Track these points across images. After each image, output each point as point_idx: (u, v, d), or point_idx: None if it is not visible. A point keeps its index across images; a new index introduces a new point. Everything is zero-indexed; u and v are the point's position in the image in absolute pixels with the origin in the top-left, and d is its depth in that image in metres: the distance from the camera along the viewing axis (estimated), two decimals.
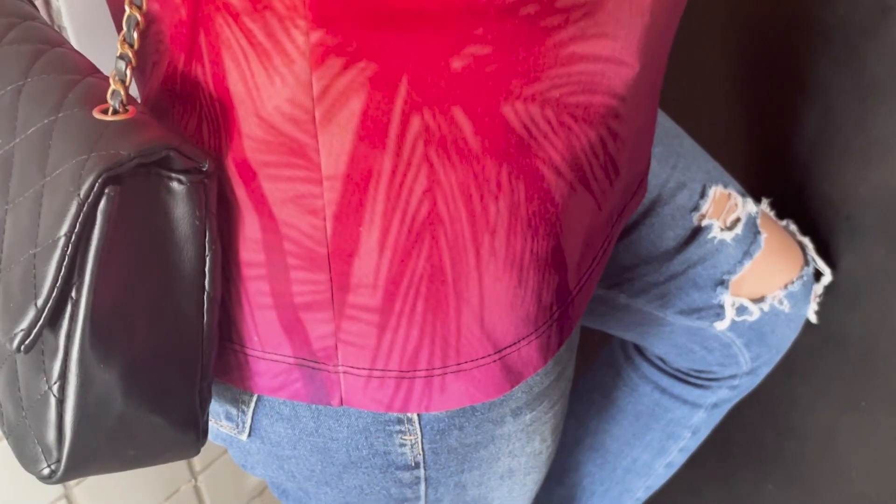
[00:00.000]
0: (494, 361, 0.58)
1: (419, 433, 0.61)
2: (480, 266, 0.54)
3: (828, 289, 0.99)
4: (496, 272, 0.55)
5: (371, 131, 0.50)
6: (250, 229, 0.54)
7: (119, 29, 0.60)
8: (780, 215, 1.00)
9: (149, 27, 0.53)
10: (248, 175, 0.52)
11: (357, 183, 0.51)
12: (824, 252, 0.99)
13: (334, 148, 0.50)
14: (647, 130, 0.66)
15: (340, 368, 0.57)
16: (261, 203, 0.53)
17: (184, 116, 0.54)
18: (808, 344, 1.03)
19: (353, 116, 0.49)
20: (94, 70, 0.54)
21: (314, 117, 0.49)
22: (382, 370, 0.57)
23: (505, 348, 0.58)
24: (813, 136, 0.97)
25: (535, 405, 0.64)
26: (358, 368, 0.57)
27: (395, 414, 0.60)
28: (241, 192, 0.53)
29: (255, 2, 0.47)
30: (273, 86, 0.49)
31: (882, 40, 0.86)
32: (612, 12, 0.52)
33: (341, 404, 0.59)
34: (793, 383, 1.08)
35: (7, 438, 0.56)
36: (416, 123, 0.50)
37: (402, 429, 0.60)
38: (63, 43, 0.56)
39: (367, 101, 0.49)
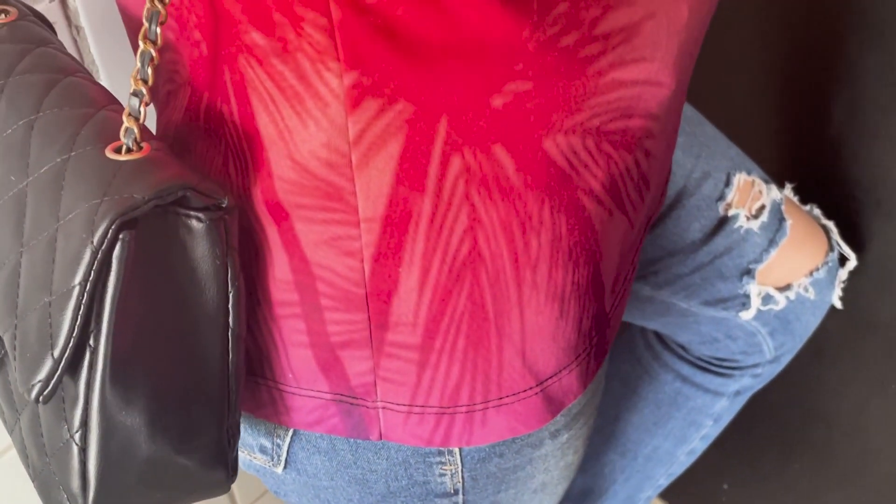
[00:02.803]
0: (536, 394, 0.57)
1: (459, 463, 0.60)
2: (522, 301, 0.53)
3: (857, 273, 0.98)
4: (538, 306, 0.53)
5: (410, 173, 0.48)
6: (280, 269, 0.52)
7: (135, 48, 0.58)
8: (804, 200, 0.98)
9: (161, 55, 0.51)
10: (280, 216, 0.51)
11: (396, 224, 0.49)
12: (850, 236, 0.98)
13: (372, 191, 0.48)
14: (674, 140, 0.64)
15: (379, 404, 0.56)
16: (292, 244, 0.51)
17: (209, 152, 0.52)
18: (836, 327, 1.02)
19: (392, 159, 0.47)
20: (109, 100, 0.52)
21: (351, 161, 0.47)
22: (422, 406, 0.56)
23: (546, 379, 0.57)
24: (842, 120, 0.95)
25: (572, 425, 0.63)
26: (397, 404, 0.56)
27: None
28: (271, 232, 0.51)
29: (284, 42, 0.45)
30: (307, 129, 0.47)
31: None
32: (650, 35, 0.50)
33: (380, 439, 0.58)
34: (822, 367, 1.07)
35: (33, 482, 0.55)
36: (456, 163, 0.48)
37: (443, 459, 0.59)
38: (77, 70, 0.54)
39: (405, 143, 0.47)
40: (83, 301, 0.45)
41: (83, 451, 0.49)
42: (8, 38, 0.55)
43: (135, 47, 0.57)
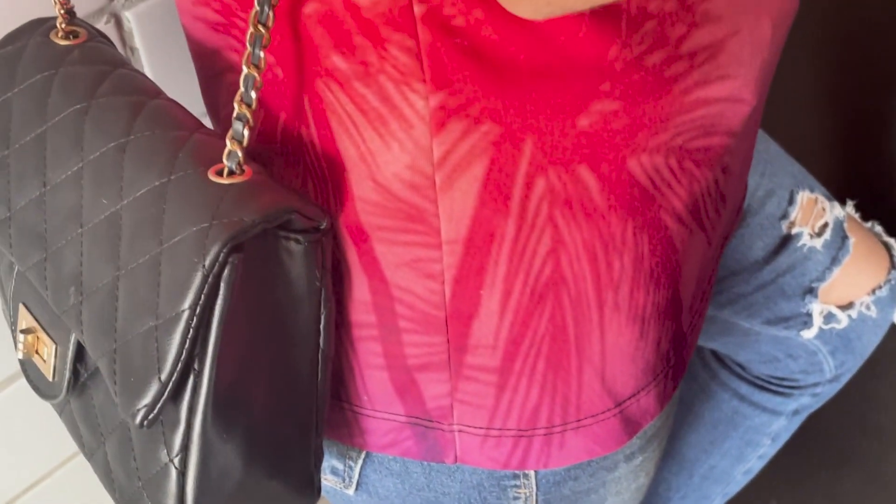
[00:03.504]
0: (615, 415, 0.56)
1: (534, 486, 0.59)
2: (603, 322, 0.52)
3: None
4: (619, 327, 0.53)
5: (494, 195, 0.47)
6: (359, 291, 0.52)
7: (198, 70, 0.58)
8: (866, 217, 0.97)
9: (226, 76, 0.51)
10: (360, 237, 0.50)
11: (479, 247, 0.49)
12: None
13: (455, 213, 0.48)
14: (750, 155, 0.63)
15: (455, 427, 0.56)
16: (372, 265, 0.51)
17: (286, 174, 0.52)
18: (891, 345, 1.00)
19: (476, 181, 0.47)
20: (197, 124, 0.52)
21: (434, 183, 0.47)
22: (500, 429, 0.55)
23: (625, 401, 0.56)
24: None
25: (646, 448, 0.62)
26: (474, 427, 0.55)
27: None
28: (350, 253, 0.51)
29: (366, 65, 0.45)
30: (390, 151, 0.47)
31: None
32: (734, 52, 0.49)
33: (456, 462, 0.57)
34: (876, 383, 1.06)
35: None
36: (540, 184, 0.47)
37: (517, 483, 0.59)
38: (159, 93, 0.54)
39: (490, 164, 0.47)
40: (192, 325, 0.45)
41: (182, 475, 0.49)
42: (81, 60, 0.55)
43: (198, 69, 0.58)
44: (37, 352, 0.59)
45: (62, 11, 0.56)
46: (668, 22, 0.45)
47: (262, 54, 0.45)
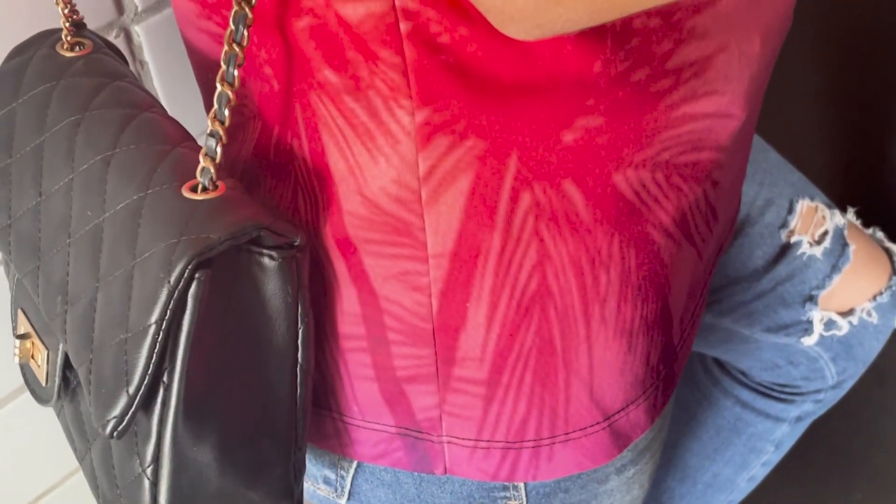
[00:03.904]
0: (603, 429, 0.56)
1: (524, 498, 0.59)
2: (590, 336, 0.52)
3: None
4: (606, 341, 0.53)
5: (480, 209, 0.47)
6: (348, 303, 0.52)
7: (200, 82, 0.58)
8: (867, 223, 0.96)
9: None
10: (349, 250, 0.51)
11: (465, 260, 0.49)
12: None
13: (441, 227, 0.48)
14: (743, 169, 0.63)
15: (445, 438, 0.56)
16: (361, 278, 0.51)
17: (278, 186, 0.52)
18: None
19: (461, 195, 0.47)
20: (184, 137, 0.52)
21: (420, 197, 0.47)
22: (488, 441, 0.55)
23: (613, 414, 0.56)
24: None
25: (638, 460, 0.62)
26: (463, 439, 0.55)
27: None
28: (339, 266, 0.51)
29: (357, 80, 0.45)
30: (377, 166, 0.47)
31: None
32: (722, 68, 0.49)
33: (445, 473, 0.57)
34: (884, 392, 1.05)
35: None
36: (526, 199, 0.47)
37: (508, 494, 0.59)
38: (152, 105, 0.54)
39: (475, 179, 0.47)
40: (159, 339, 0.45)
41: (154, 485, 0.49)
42: (83, 71, 0.55)
43: (200, 82, 0.58)
44: (32, 357, 0.59)
45: (67, 24, 0.56)
46: (653, 38, 0.45)
47: (236, 73, 0.46)
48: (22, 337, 0.60)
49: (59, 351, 0.55)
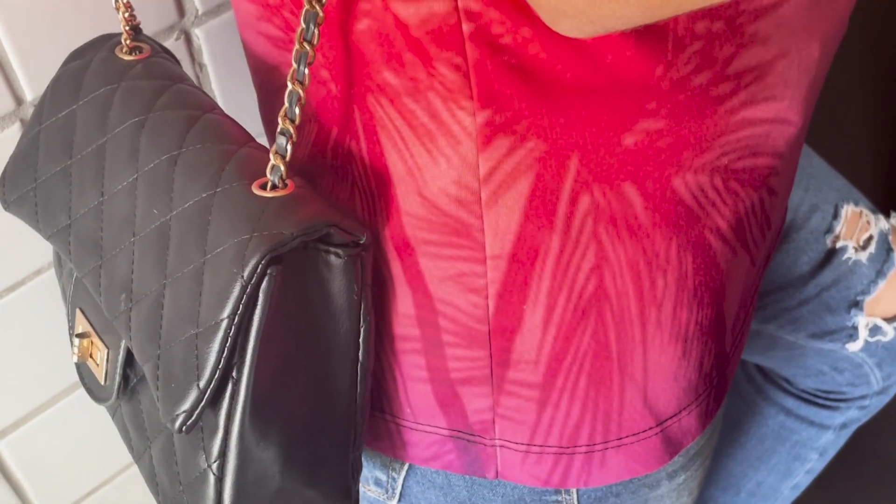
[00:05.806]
0: (656, 434, 0.56)
1: (575, 502, 0.59)
2: (646, 340, 0.52)
3: None
4: (661, 346, 0.53)
5: (539, 211, 0.48)
6: (403, 304, 0.53)
7: (257, 85, 0.59)
8: None
9: (280, 91, 0.52)
10: (406, 251, 0.51)
11: (522, 262, 0.49)
12: None
13: (500, 228, 0.48)
14: (793, 178, 0.63)
15: (497, 442, 0.56)
16: (416, 279, 0.51)
17: (335, 188, 0.53)
18: None
19: (521, 197, 0.47)
20: (248, 138, 0.53)
21: (480, 198, 0.47)
22: (541, 446, 0.55)
23: (666, 420, 0.56)
24: None
25: (689, 466, 0.62)
26: (515, 443, 0.55)
27: None
28: (395, 267, 0.52)
29: (415, 81, 0.46)
30: (437, 167, 0.47)
31: None
32: (782, 73, 0.49)
33: (496, 477, 0.57)
34: None
35: None
36: (585, 201, 0.48)
37: (559, 499, 0.59)
38: (214, 108, 0.55)
39: (535, 180, 0.47)
40: (231, 334, 0.46)
41: (220, 480, 0.50)
42: (143, 74, 0.56)
43: (257, 84, 0.59)
44: (91, 356, 0.60)
45: (127, 28, 0.57)
46: (715, 42, 0.45)
47: (306, 71, 0.46)
48: (81, 336, 0.60)
49: (119, 349, 0.56)
